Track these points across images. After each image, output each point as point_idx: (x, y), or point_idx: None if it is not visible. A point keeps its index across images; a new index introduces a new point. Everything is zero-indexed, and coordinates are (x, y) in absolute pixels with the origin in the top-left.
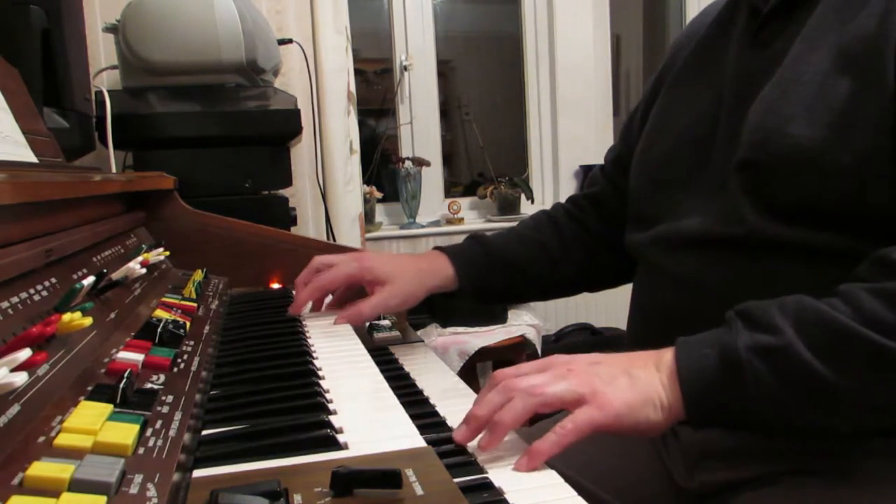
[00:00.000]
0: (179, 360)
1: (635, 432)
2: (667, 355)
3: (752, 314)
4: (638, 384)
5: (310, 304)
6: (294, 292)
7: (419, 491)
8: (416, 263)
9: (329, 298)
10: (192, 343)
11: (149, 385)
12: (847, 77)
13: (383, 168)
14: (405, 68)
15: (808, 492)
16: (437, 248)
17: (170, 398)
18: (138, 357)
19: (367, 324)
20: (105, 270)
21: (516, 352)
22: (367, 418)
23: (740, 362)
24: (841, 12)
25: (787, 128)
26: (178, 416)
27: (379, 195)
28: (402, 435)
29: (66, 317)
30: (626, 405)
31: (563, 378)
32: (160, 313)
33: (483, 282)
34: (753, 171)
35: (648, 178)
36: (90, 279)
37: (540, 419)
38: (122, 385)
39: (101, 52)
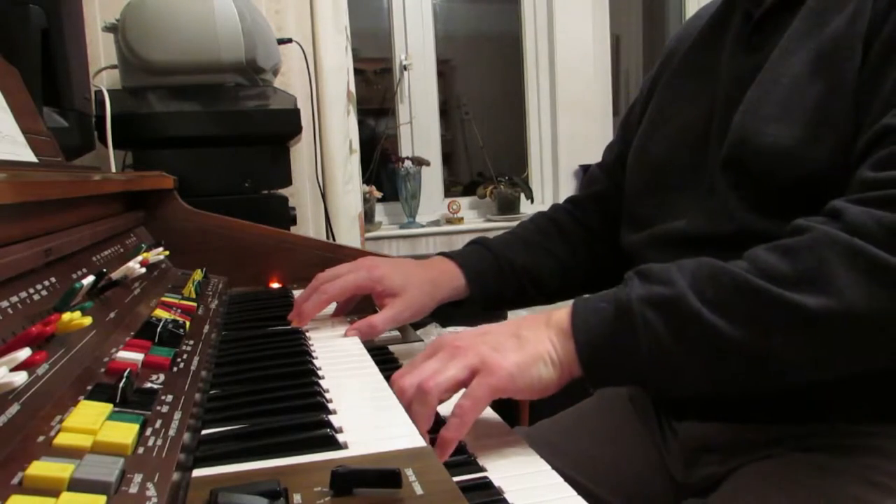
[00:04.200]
0: (179, 360)
1: (530, 392)
2: (559, 312)
3: (650, 271)
4: (526, 344)
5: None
6: (295, 302)
7: (419, 490)
8: (426, 273)
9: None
10: (191, 342)
11: (148, 384)
12: (821, 76)
13: (383, 168)
14: (405, 68)
15: (797, 465)
16: (442, 254)
17: (169, 398)
18: (138, 356)
19: None
20: (105, 270)
21: None
22: (366, 418)
23: (632, 312)
24: (820, 16)
25: (765, 127)
26: (177, 415)
27: (379, 195)
28: (401, 434)
29: (66, 316)
30: (515, 365)
31: (451, 358)
32: (160, 313)
33: (494, 291)
34: (736, 169)
35: (644, 180)
36: (90, 279)
37: (540, 418)
38: (121, 384)
39: (101, 52)
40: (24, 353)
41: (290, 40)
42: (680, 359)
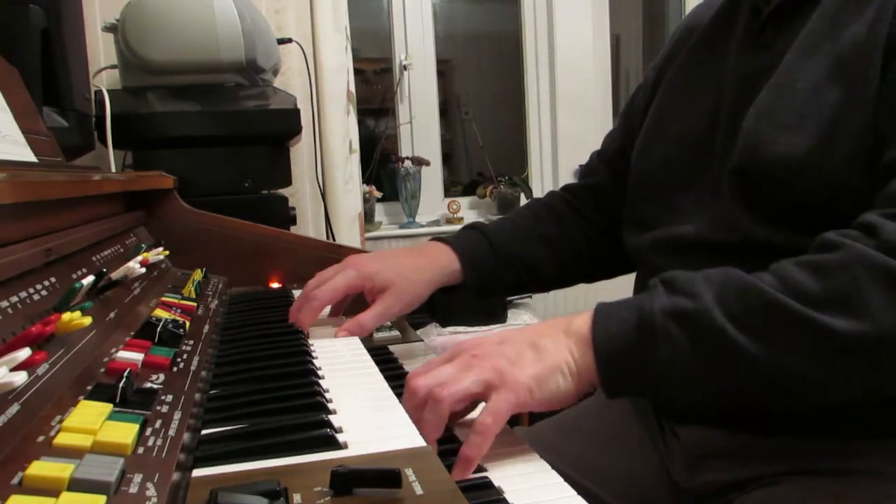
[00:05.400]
0: (179, 360)
1: (549, 404)
2: (579, 319)
3: (676, 280)
4: (544, 355)
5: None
6: (289, 314)
7: (419, 490)
8: (418, 261)
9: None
10: (191, 342)
11: (148, 384)
12: (839, 84)
13: (383, 167)
14: (405, 68)
15: (811, 492)
16: (437, 238)
17: (169, 397)
18: (138, 356)
19: None
20: (104, 270)
21: None
22: (366, 418)
23: (654, 325)
24: (836, 19)
25: (779, 135)
26: (177, 415)
27: (378, 194)
28: (401, 434)
29: (66, 316)
30: (533, 379)
31: (468, 368)
32: (160, 313)
33: (488, 278)
34: (746, 178)
35: (647, 181)
36: (90, 278)
37: (540, 418)
38: (121, 384)
39: (101, 52)
40: (24, 353)
41: (290, 40)
42: (700, 374)
